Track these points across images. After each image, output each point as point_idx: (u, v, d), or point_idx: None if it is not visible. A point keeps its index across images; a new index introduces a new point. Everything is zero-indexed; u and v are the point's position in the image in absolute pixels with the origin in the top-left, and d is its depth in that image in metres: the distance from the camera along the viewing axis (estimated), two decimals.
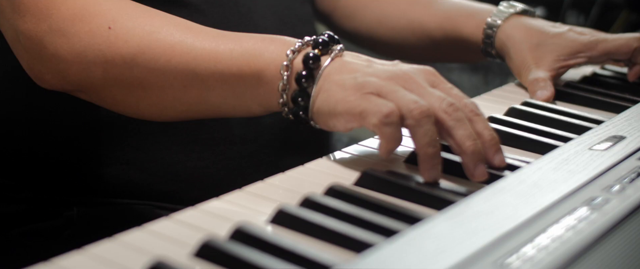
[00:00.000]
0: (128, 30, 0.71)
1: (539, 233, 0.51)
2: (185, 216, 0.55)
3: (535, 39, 0.92)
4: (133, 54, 0.70)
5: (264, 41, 0.70)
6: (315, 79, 0.66)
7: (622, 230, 0.53)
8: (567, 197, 0.57)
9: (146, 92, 0.72)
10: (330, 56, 0.67)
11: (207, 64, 0.69)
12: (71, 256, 0.48)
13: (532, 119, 0.80)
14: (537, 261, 0.48)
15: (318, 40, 0.68)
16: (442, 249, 0.49)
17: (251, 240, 0.51)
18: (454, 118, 0.63)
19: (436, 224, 0.52)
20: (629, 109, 0.83)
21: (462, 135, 0.63)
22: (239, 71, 0.69)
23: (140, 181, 0.83)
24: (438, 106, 0.63)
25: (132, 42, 0.70)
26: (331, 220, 0.54)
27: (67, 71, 0.72)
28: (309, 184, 0.62)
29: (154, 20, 0.72)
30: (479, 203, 0.56)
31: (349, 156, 0.68)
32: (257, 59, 0.69)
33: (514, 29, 0.93)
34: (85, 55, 0.71)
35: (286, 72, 0.67)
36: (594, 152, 0.67)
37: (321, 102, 0.66)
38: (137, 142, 0.83)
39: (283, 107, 0.68)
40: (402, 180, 0.62)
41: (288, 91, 0.67)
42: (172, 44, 0.70)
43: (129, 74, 0.71)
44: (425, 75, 0.66)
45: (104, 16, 0.71)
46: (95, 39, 0.71)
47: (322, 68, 0.66)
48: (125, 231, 0.52)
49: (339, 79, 0.65)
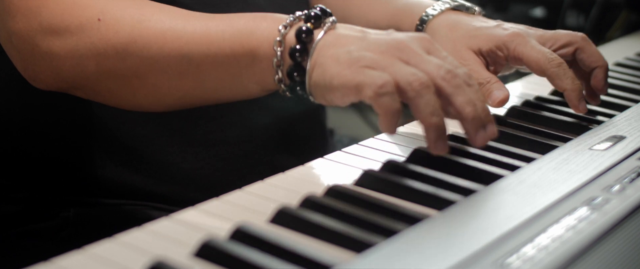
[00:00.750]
0: (118, 20, 0.70)
1: (539, 233, 0.51)
2: (185, 216, 0.55)
3: (457, 33, 0.85)
4: (125, 44, 0.70)
5: (255, 19, 0.69)
6: (310, 53, 0.65)
7: (622, 230, 0.53)
8: (567, 197, 0.57)
9: (141, 82, 0.72)
10: (324, 29, 0.66)
11: (200, 48, 0.69)
12: (71, 256, 0.48)
13: (532, 119, 0.80)
14: (537, 261, 0.48)
15: (310, 14, 0.67)
16: (442, 249, 0.49)
17: (251, 240, 0.51)
18: (452, 85, 0.62)
19: (436, 224, 0.52)
20: (629, 109, 0.83)
21: (461, 101, 0.61)
22: (232, 51, 0.68)
23: (136, 182, 0.83)
24: (436, 73, 0.62)
25: (123, 32, 0.70)
26: (331, 220, 0.54)
27: (60, 68, 0.72)
28: (309, 184, 0.62)
29: (143, 9, 0.71)
30: (479, 203, 0.56)
31: (349, 156, 0.68)
32: (249, 37, 0.68)
33: (440, 25, 0.87)
34: (77, 49, 0.70)
35: (279, 47, 0.66)
36: (594, 152, 0.67)
37: (317, 76, 0.65)
38: (131, 144, 0.83)
39: (279, 83, 0.67)
40: (402, 180, 0.62)
41: (283, 66, 0.66)
42: (163, 30, 0.70)
43: (123, 65, 0.70)
44: (420, 42, 0.64)
45: (92, 8, 0.71)
46: (86, 32, 0.70)
47: (315, 41, 0.65)
48: (124, 231, 0.52)
49: (334, 53, 0.64)
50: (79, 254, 0.49)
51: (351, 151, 0.70)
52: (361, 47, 0.64)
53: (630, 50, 1.17)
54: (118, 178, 0.83)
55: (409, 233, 0.51)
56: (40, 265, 0.47)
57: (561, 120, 0.80)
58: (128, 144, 0.83)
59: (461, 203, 0.56)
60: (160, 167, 0.84)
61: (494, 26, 0.84)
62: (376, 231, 0.53)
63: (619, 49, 1.19)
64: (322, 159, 0.67)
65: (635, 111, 0.82)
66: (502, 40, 0.81)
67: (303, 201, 0.57)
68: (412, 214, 0.56)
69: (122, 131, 0.82)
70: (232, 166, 0.86)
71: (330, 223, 0.53)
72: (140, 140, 0.83)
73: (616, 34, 1.43)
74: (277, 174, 0.64)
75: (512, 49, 0.81)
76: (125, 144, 0.83)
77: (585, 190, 0.59)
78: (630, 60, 1.10)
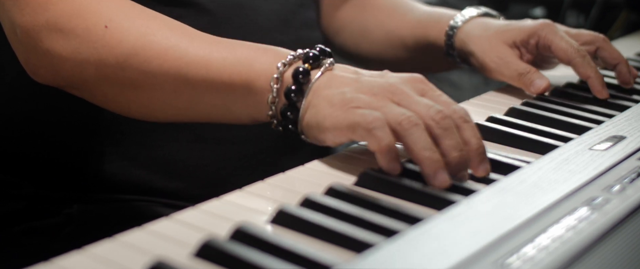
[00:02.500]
0: (124, 30, 0.71)
1: (539, 233, 0.51)
2: (185, 216, 0.55)
3: (490, 32, 0.92)
4: (126, 55, 0.70)
5: (257, 51, 0.70)
6: (305, 94, 0.66)
7: (622, 230, 0.53)
8: (567, 197, 0.57)
9: (137, 93, 0.72)
10: (321, 70, 0.67)
11: (199, 71, 0.70)
12: (71, 256, 0.48)
13: (532, 119, 0.80)
14: (538, 261, 0.48)
15: (309, 54, 0.68)
16: (442, 249, 0.49)
17: (251, 240, 0.51)
18: (441, 127, 0.62)
19: (436, 224, 0.52)
20: (629, 109, 0.83)
21: (449, 145, 0.62)
22: (229, 79, 0.69)
23: (141, 177, 0.84)
24: (425, 113, 0.62)
25: (127, 43, 0.70)
26: (331, 220, 0.54)
27: (60, 67, 0.72)
28: (309, 184, 0.62)
29: (150, 22, 0.72)
30: (479, 203, 0.56)
31: (349, 156, 0.68)
32: (248, 69, 0.69)
33: (472, 28, 0.94)
34: (79, 52, 0.71)
35: (276, 84, 0.67)
36: (594, 152, 0.67)
37: (310, 117, 0.66)
38: (139, 139, 0.83)
39: (272, 119, 0.69)
40: (402, 180, 0.62)
41: (277, 103, 0.68)
42: (166, 47, 0.70)
43: (121, 75, 0.71)
44: (412, 84, 0.66)
45: (101, 15, 0.71)
46: (91, 36, 0.71)
47: (311, 82, 0.66)
48: (125, 230, 0.52)
49: (327, 94, 0.65)
50: (79, 254, 0.49)
51: (351, 151, 0.70)
52: (354, 89, 0.65)
53: (630, 50, 1.17)
54: (123, 174, 0.83)
55: (409, 233, 0.51)
56: (40, 265, 0.47)
57: (561, 120, 0.80)
58: (134, 139, 0.83)
59: (461, 203, 0.56)
60: (166, 163, 0.84)
61: (523, 20, 0.93)
62: (376, 231, 0.53)
63: (619, 49, 1.19)
64: (322, 159, 0.67)
65: (635, 111, 0.82)
66: (533, 30, 0.90)
67: (303, 201, 0.57)
68: (412, 214, 0.56)
69: (128, 126, 0.83)
70: (238, 165, 0.86)
71: (330, 223, 0.53)
72: (147, 135, 0.83)
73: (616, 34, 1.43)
74: (277, 174, 0.64)
75: (543, 36, 0.89)
76: (131, 139, 0.83)
77: (586, 190, 0.59)
78: (631, 61, 1.10)
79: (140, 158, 0.84)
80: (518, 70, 0.89)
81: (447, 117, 0.62)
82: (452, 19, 0.95)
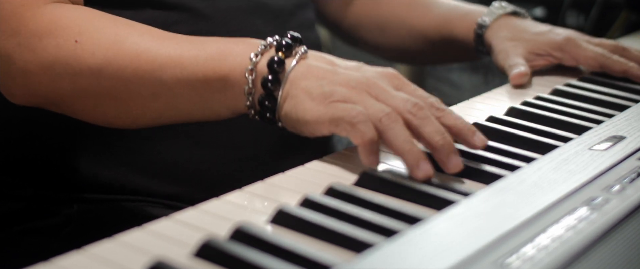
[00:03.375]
0: (94, 42, 0.71)
1: (539, 233, 0.51)
2: (185, 216, 0.55)
3: (516, 35, 0.96)
4: (100, 66, 0.71)
5: (227, 44, 0.71)
6: (281, 83, 0.67)
7: (622, 230, 0.53)
8: (567, 197, 0.57)
9: (115, 103, 0.73)
10: (295, 59, 0.68)
11: (173, 72, 0.70)
12: (71, 256, 0.48)
13: (532, 119, 0.80)
14: (537, 261, 0.48)
15: (281, 43, 0.68)
16: (442, 249, 0.49)
17: (251, 240, 0.51)
18: (419, 117, 0.64)
19: (436, 224, 0.52)
20: (629, 109, 0.83)
21: (430, 131, 0.64)
22: (204, 76, 0.70)
23: (141, 182, 0.83)
24: (402, 107, 0.64)
25: (99, 54, 0.71)
26: (331, 220, 0.54)
27: (35, 85, 0.73)
28: (309, 184, 0.62)
29: (119, 30, 0.72)
30: (479, 203, 0.56)
31: (349, 156, 0.68)
32: (221, 63, 0.69)
33: (500, 28, 0.98)
34: (53, 69, 0.72)
35: (251, 76, 0.68)
36: (594, 152, 0.67)
37: (289, 108, 0.67)
38: (136, 145, 0.83)
39: (249, 109, 0.69)
40: (402, 180, 0.62)
41: (254, 94, 0.68)
42: (138, 53, 0.71)
43: (97, 85, 0.72)
44: (389, 79, 0.67)
45: (71, 30, 0.72)
46: (62, 52, 0.71)
47: (287, 72, 0.67)
48: (125, 230, 0.52)
49: (305, 86, 0.66)
50: (79, 254, 0.49)
51: (351, 151, 0.70)
52: (333, 82, 0.66)
53: None
54: (122, 178, 0.83)
55: (409, 233, 0.51)
56: (40, 265, 0.47)
57: (561, 120, 0.80)
58: (132, 146, 0.83)
59: (461, 203, 0.56)
60: (164, 167, 0.84)
61: (548, 31, 0.97)
62: (376, 231, 0.53)
63: None
64: (322, 159, 0.67)
65: (635, 111, 0.82)
66: (557, 44, 0.95)
67: (303, 201, 0.57)
68: (412, 214, 0.56)
69: (125, 131, 0.82)
70: (237, 168, 0.86)
71: (330, 223, 0.53)
72: (145, 140, 0.83)
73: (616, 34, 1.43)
74: (277, 174, 0.64)
75: (567, 51, 0.95)
76: (129, 145, 0.83)
77: (585, 190, 0.59)
78: None
79: (138, 163, 0.83)
80: (508, 64, 0.93)
81: (423, 108, 0.65)
82: (480, 17, 0.99)
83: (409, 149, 0.62)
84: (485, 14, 0.99)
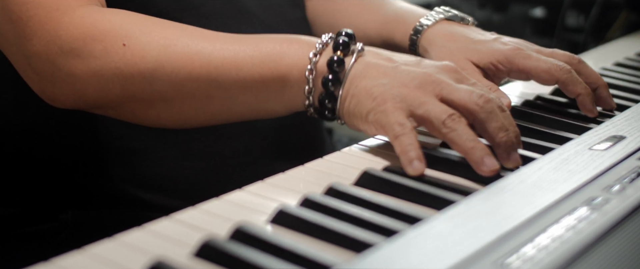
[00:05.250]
0: (144, 45, 0.70)
1: (539, 233, 0.51)
2: (185, 216, 0.55)
3: (456, 44, 0.84)
4: (152, 69, 0.70)
5: (282, 43, 0.70)
6: (342, 82, 0.68)
7: (622, 230, 0.53)
8: (567, 197, 0.57)
9: (168, 105, 0.72)
10: (354, 57, 0.68)
11: (229, 73, 0.69)
12: (71, 256, 0.48)
13: (532, 119, 0.80)
14: (537, 261, 0.48)
15: (338, 42, 0.69)
16: (442, 249, 0.49)
17: (251, 240, 0.51)
18: (486, 110, 0.64)
19: (436, 224, 0.52)
20: (629, 109, 0.83)
21: (494, 127, 0.64)
22: (261, 77, 0.69)
23: (135, 195, 0.83)
24: (469, 99, 0.64)
25: (150, 57, 0.70)
26: (331, 220, 0.54)
27: (84, 91, 0.71)
28: (309, 184, 0.62)
29: (167, 32, 0.71)
30: (479, 203, 0.56)
31: (349, 156, 0.68)
32: (278, 63, 0.69)
33: (436, 35, 0.87)
34: (102, 74, 0.70)
35: (311, 75, 0.68)
36: (594, 152, 0.67)
37: (352, 107, 0.68)
38: (127, 160, 0.82)
39: (308, 108, 0.70)
40: (402, 180, 0.62)
41: (314, 93, 0.69)
42: (191, 55, 0.70)
43: (149, 89, 0.70)
44: (449, 74, 0.67)
45: (116, 33, 0.70)
46: (111, 56, 0.70)
47: (347, 70, 0.68)
48: (124, 231, 0.52)
49: (367, 85, 0.67)
50: (78, 254, 0.49)
51: (351, 151, 0.70)
52: (395, 82, 0.66)
53: (630, 50, 1.17)
54: (115, 192, 0.83)
55: (409, 233, 0.51)
56: (39, 265, 0.47)
57: (561, 120, 0.80)
58: (123, 160, 0.82)
59: (461, 203, 0.56)
60: (157, 181, 0.83)
61: (493, 40, 0.84)
62: (376, 231, 0.53)
63: (619, 49, 1.19)
64: (322, 159, 0.67)
65: (635, 111, 0.82)
66: (503, 55, 0.82)
67: (303, 201, 0.57)
68: (412, 214, 0.56)
69: (117, 144, 0.82)
70: (230, 178, 0.86)
71: (330, 223, 0.53)
72: (134, 155, 0.82)
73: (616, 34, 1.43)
74: (277, 174, 0.64)
75: (515, 63, 0.81)
76: (120, 160, 0.82)
77: (585, 190, 0.59)
78: (630, 61, 1.10)
79: (132, 178, 0.82)
80: None
81: (490, 100, 0.65)
82: (418, 21, 0.88)
83: (472, 146, 0.63)
84: (425, 18, 0.88)
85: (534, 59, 0.81)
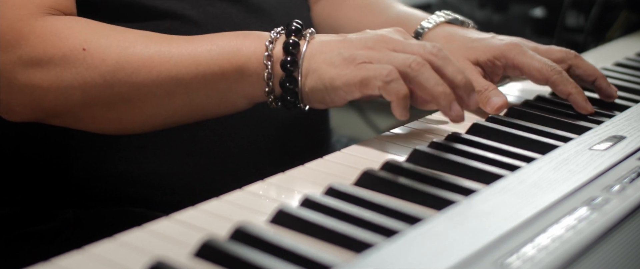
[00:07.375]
0: (103, 48, 0.71)
1: (539, 233, 0.51)
2: (185, 216, 0.55)
3: (454, 44, 0.86)
4: (112, 71, 0.71)
5: (237, 37, 0.73)
6: (299, 63, 0.70)
7: (622, 230, 0.53)
8: (567, 197, 0.57)
9: (128, 106, 0.73)
10: (306, 40, 0.71)
11: (189, 68, 0.71)
12: (71, 256, 0.48)
13: (532, 119, 0.80)
14: (537, 261, 0.48)
15: (291, 28, 0.72)
16: (442, 249, 0.49)
17: (251, 240, 0.51)
18: (440, 58, 0.69)
19: (436, 224, 0.52)
20: (629, 109, 0.83)
21: (451, 71, 0.68)
22: (220, 69, 0.72)
23: (136, 192, 0.83)
24: (423, 51, 0.68)
25: (110, 59, 0.71)
26: (331, 220, 0.54)
27: (42, 99, 0.72)
28: (309, 184, 0.62)
29: (126, 35, 0.73)
30: (479, 203, 0.56)
31: (349, 156, 0.68)
32: (236, 54, 0.72)
33: (436, 37, 0.88)
34: (62, 80, 0.71)
35: (269, 61, 0.71)
36: (594, 152, 0.67)
37: (314, 82, 0.70)
38: (129, 155, 0.82)
39: (269, 95, 0.72)
40: (401, 180, 0.62)
41: (273, 79, 0.71)
42: (150, 54, 0.71)
43: (110, 92, 0.72)
44: (398, 33, 0.71)
45: (76, 38, 0.71)
46: (71, 62, 0.71)
47: (302, 52, 0.71)
48: (124, 231, 0.52)
49: (325, 58, 0.70)
50: (79, 254, 0.49)
51: (351, 151, 0.70)
52: (349, 47, 0.70)
53: (630, 50, 1.17)
54: (116, 189, 0.83)
55: (409, 233, 0.51)
56: (40, 265, 0.47)
57: (561, 120, 0.80)
58: (125, 156, 0.82)
59: (461, 203, 0.56)
60: (159, 177, 0.83)
61: (490, 38, 0.86)
62: (376, 231, 0.53)
63: (619, 49, 1.19)
64: (322, 159, 0.67)
65: (635, 111, 0.82)
66: (500, 50, 0.84)
67: (303, 201, 0.57)
68: (412, 214, 0.56)
69: (117, 143, 0.82)
70: (234, 176, 0.86)
71: (330, 223, 0.53)
72: (137, 152, 0.82)
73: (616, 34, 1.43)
74: (277, 174, 0.64)
75: (510, 58, 0.83)
76: (121, 156, 0.82)
77: (585, 190, 0.59)
78: (630, 61, 1.10)
79: (132, 174, 0.82)
80: (475, 87, 0.80)
81: (441, 49, 0.69)
82: (419, 24, 0.90)
83: (441, 90, 0.67)
84: (426, 21, 0.90)
85: (528, 56, 0.83)
